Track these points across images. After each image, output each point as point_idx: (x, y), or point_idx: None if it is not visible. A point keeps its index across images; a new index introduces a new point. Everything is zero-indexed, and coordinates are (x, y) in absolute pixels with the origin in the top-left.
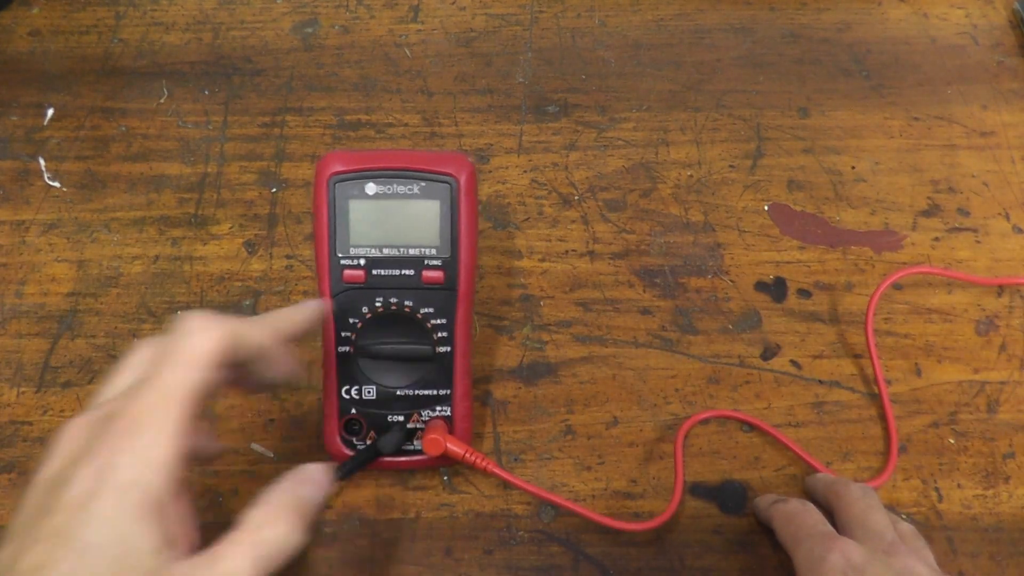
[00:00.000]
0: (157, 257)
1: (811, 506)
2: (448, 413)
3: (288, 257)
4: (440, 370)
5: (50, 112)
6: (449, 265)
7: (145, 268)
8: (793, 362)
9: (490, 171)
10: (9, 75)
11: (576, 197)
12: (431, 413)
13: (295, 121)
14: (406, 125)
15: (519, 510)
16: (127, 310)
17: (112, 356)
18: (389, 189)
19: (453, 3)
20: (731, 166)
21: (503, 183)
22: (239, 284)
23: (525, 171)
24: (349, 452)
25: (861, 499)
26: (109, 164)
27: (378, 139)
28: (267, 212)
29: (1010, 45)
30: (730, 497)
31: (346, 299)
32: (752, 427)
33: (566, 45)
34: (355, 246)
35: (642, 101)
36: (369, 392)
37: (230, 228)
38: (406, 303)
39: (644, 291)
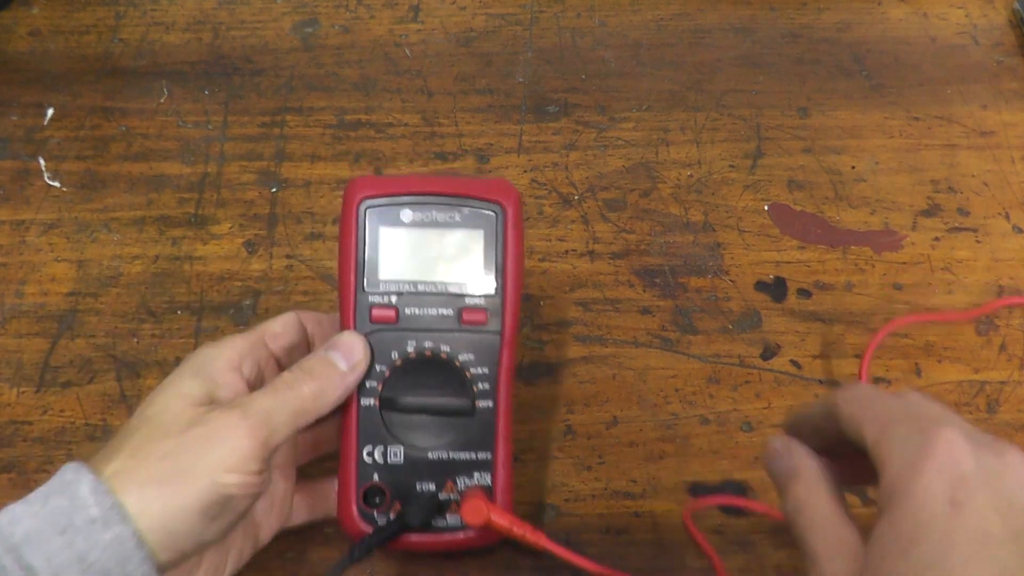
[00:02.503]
0: (157, 257)
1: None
2: (488, 482)
3: (288, 257)
4: (480, 429)
5: (50, 112)
6: (493, 304)
7: (145, 268)
8: (793, 362)
9: (490, 171)
10: (9, 75)
11: (576, 197)
12: (468, 481)
13: (295, 121)
14: (406, 125)
15: (519, 510)
16: (127, 310)
17: (112, 356)
18: (427, 216)
19: (453, 3)
20: (731, 166)
21: None
22: (239, 284)
23: (525, 171)
24: (368, 528)
25: (897, 395)
26: (109, 164)
27: (378, 139)
28: (267, 212)
29: (1010, 45)
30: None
31: (372, 342)
32: (751, 427)
33: (566, 45)
34: (385, 280)
35: (642, 101)
36: (395, 454)
37: (230, 228)
38: (442, 348)
39: (644, 291)
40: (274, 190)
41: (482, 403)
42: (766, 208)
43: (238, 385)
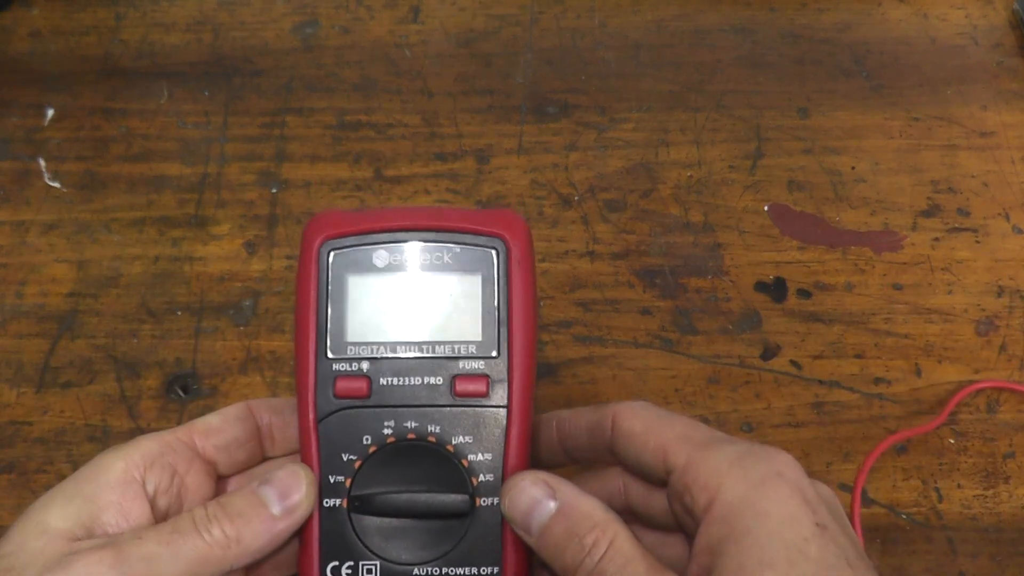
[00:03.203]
0: (157, 257)
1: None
2: None
3: (288, 257)
4: (483, 535)
5: (50, 112)
6: (496, 369)
7: (145, 268)
8: (793, 362)
9: (490, 172)
10: (9, 75)
11: (576, 197)
12: None
13: (295, 122)
14: (406, 126)
15: None
16: (127, 310)
17: (112, 356)
18: (407, 259)
19: (453, 3)
20: (731, 166)
21: (503, 184)
22: (239, 284)
23: (525, 172)
24: None
25: (675, 416)
26: (109, 164)
27: (378, 140)
28: (267, 212)
29: (1010, 45)
30: None
31: (339, 424)
32: (751, 427)
33: (566, 46)
34: (355, 343)
35: (642, 101)
36: (370, 572)
37: (230, 228)
38: (430, 429)
39: (644, 291)
40: (274, 191)
41: (485, 500)
42: (766, 209)
43: (131, 507)
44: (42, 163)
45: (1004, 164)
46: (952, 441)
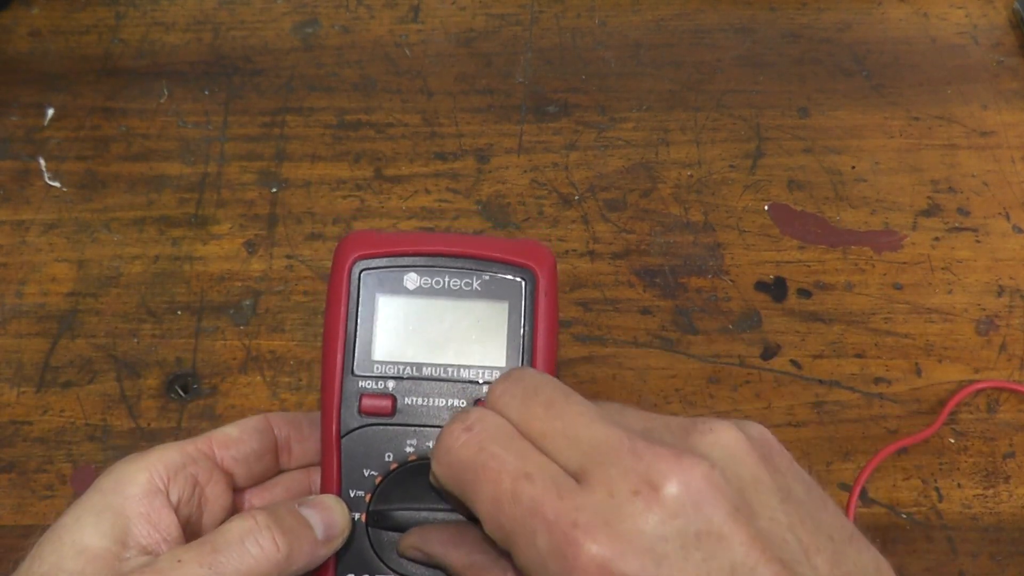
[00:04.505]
0: (157, 257)
1: (501, 421)
2: None
3: (288, 257)
4: None
5: (50, 112)
6: None
7: (145, 268)
8: (793, 362)
9: (490, 171)
10: (9, 75)
11: (576, 197)
12: None
13: (295, 121)
14: (406, 125)
15: None
16: (127, 310)
17: (112, 356)
18: (438, 283)
19: (453, 3)
20: (731, 166)
21: (503, 183)
22: (239, 284)
23: (525, 171)
24: None
25: (549, 409)
26: (109, 164)
27: (378, 139)
28: (267, 212)
29: (1010, 45)
30: None
31: (361, 440)
32: None
33: (566, 45)
34: (381, 361)
35: (642, 101)
36: None
37: (230, 228)
38: None
39: (644, 291)
40: (274, 190)
41: None
42: (766, 208)
43: (159, 518)
44: (42, 163)
45: (1004, 164)
46: (952, 441)
